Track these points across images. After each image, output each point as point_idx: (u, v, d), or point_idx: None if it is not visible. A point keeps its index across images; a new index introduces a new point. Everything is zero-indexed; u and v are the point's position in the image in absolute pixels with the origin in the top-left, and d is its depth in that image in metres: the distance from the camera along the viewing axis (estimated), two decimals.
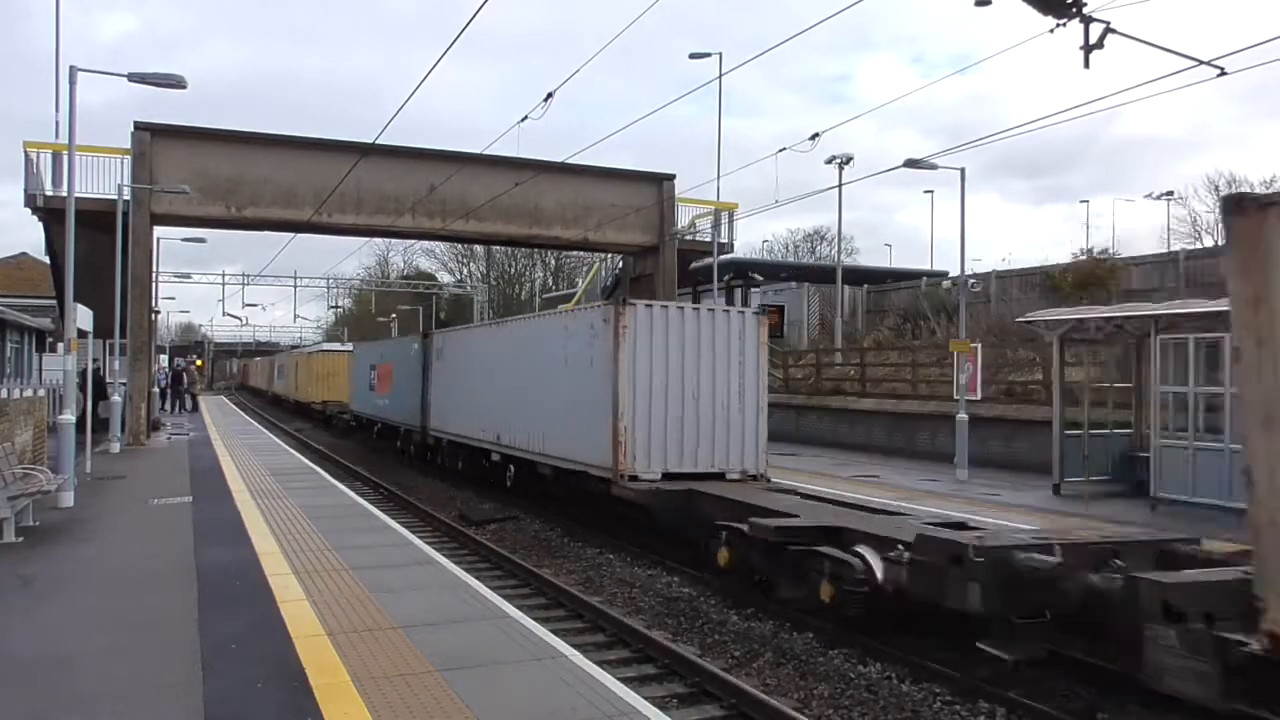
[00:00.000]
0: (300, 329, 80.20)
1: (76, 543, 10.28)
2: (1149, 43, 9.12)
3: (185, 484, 15.25)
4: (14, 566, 8.89)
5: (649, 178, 28.82)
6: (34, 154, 22.48)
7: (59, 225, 18.47)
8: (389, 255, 72.98)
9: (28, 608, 7.50)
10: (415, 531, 12.66)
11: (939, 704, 7.53)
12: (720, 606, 10.48)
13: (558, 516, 15.85)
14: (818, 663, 8.55)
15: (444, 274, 69.05)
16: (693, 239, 29.23)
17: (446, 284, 66.10)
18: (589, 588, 11.50)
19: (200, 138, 24.12)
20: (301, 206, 24.33)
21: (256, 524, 11.31)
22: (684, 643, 9.18)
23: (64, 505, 12.46)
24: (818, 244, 65.09)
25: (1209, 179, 52.29)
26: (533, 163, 24.82)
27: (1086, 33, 8.01)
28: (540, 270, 66.05)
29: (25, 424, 14.85)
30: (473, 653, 6.26)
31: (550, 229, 27.38)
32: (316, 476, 17.05)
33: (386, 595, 7.77)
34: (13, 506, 10.29)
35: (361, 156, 21.98)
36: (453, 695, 5.43)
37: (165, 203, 23.24)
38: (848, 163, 29.42)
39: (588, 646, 8.41)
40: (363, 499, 14.55)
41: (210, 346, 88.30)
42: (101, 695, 5.45)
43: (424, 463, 23.42)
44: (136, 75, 14.44)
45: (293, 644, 6.38)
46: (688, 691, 7.82)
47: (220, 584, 8.17)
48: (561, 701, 5.40)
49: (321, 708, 5.21)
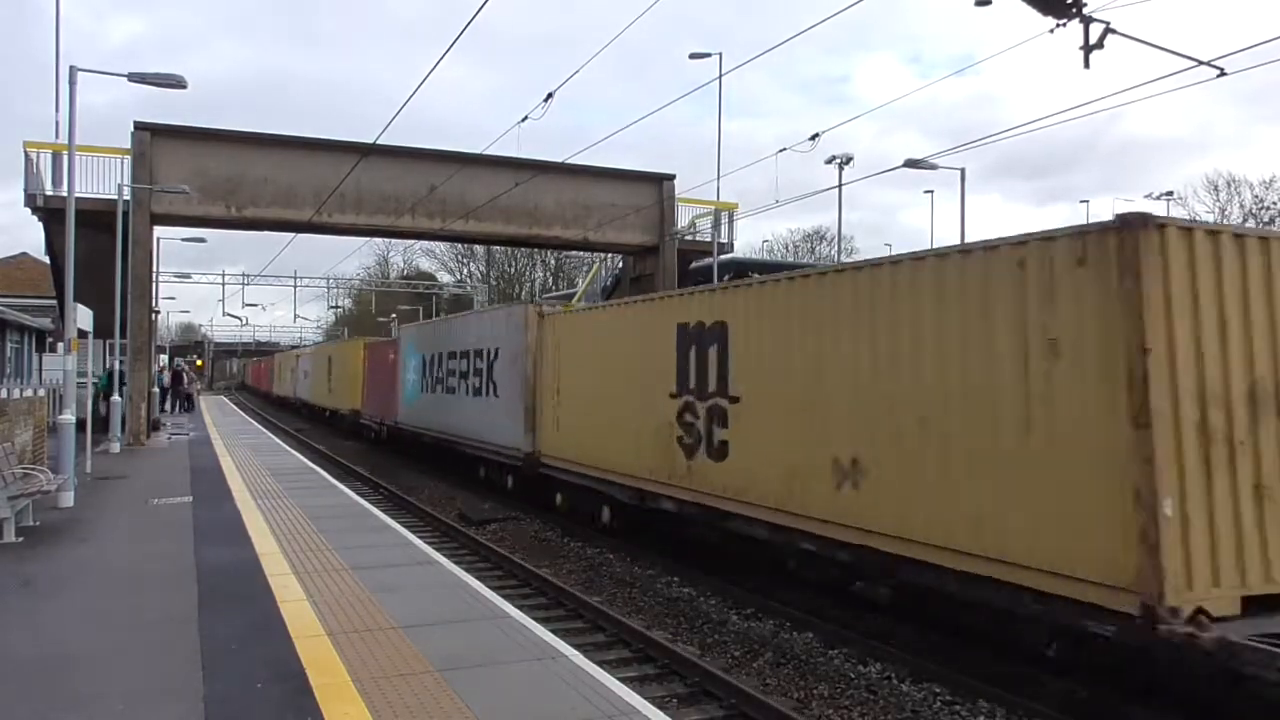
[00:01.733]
0: (300, 329, 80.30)
1: (76, 543, 10.27)
2: (1149, 43, 9.14)
3: (185, 484, 15.24)
4: (14, 566, 8.89)
5: (649, 178, 28.83)
6: (34, 154, 22.48)
7: (59, 225, 18.46)
8: (389, 255, 73.24)
9: (28, 608, 7.49)
10: (415, 531, 12.66)
11: (939, 704, 7.53)
12: (720, 606, 10.48)
13: (558, 517, 15.82)
14: (818, 663, 8.55)
15: (444, 274, 69.21)
16: (693, 239, 29.22)
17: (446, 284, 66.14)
18: (589, 588, 11.50)
19: (200, 138, 24.11)
20: (301, 206, 24.32)
21: (257, 524, 11.30)
22: (684, 643, 9.18)
23: (64, 505, 12.46)
24: (818, 244, 65.17)
25: (1208, 179, 52.28)
26: (533, 163, 24.82)
27: (1086, 33, 8.03)
28: (540, 270, 66.13)
29: (25, 424, 14.85)
30: (473, 653, 6.26)
31: (550, 229, 27.39)
32: (317, 477, 17.05)
33: (387, 595, 7.77)
34: (13, 506, 10.29)
35: (362, 157, 21.98)
36: (453, 695, 5.43)
37: (165, 203, 23.23)
38: (848, 163, 29.37)
39: (588, 646, 8.41)
40: (363, 499, 14.53)
41: (210, 346, 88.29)
42: (102, 695, 5.45)
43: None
44: (136, 75, 14.45)
45: (293, 644, 6.38)
46: (688, 691, 7.83)
47: (220, 584, 8.16)
48: (561, 701, 5.40)
49: (321, 708, 5.21)
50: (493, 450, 18.15)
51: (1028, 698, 7.33)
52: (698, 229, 29.27)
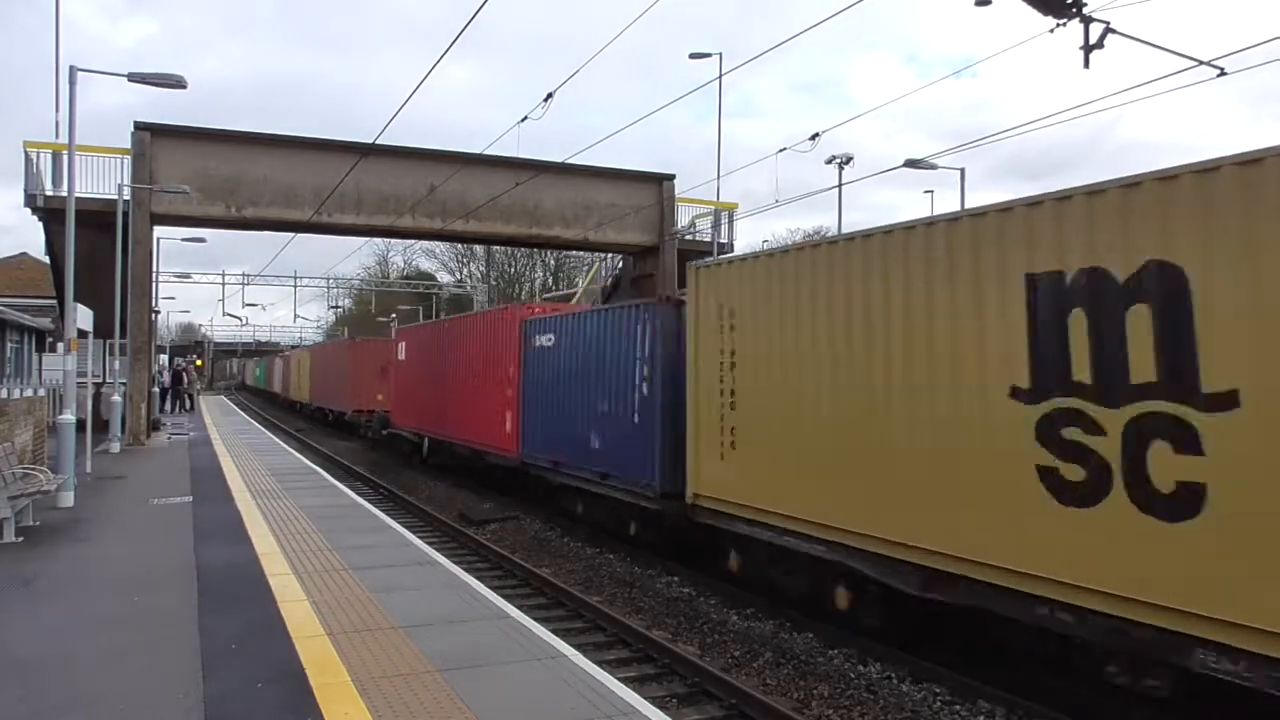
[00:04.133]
0: (300, 329, 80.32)
1: (76, 543, 10.27)
2: (1149, 43, 9.15)
3: (185, 484, 15.24)
4: (14, 566, 8.89)
5: (649, 178, 28.84)
6: (34, 154, 22.48)
7: (59, 225, 18.45)
8: (389, 255, 73.17)
9: (28, 608, 7.49)
10: (415, 531, 12.66)
11: (939, 704, 7.53)
12: (720, 606, 10.48)
13: (559, 518, 15.81)
14: (818, 663, 8.55)
15: (444, 274, 69.13)
16: (693, 239, 29.23)
17: (446, 284, 66.12)
18: (589, 588, 11.51)
19: (200, 138, 24.10)
20: (301, 206, 24.33)
21: (257, 524, 11.30)
22: (684, 643, 9.18)
23: (64, 505, 12.47)
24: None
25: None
26: (533, 163, 24.81)
27: (1086, 33, 8.04)
28: (540, 270, 66.08)
29: (25, 424, 14.85)
30: (473, 653, 6.26)
31: (550, 229, 27.39)
32: (317, 477, 17.04)
33: (387, 595, 7.77)
34: (13, 506, 10.30)
35: (362, 157, 21.98)
36: (453, 695, 5.43)
37: (165, 203, 23.23)
38: (847, 163, 29.40)
39: (588, 646, 8.42)
40: (363, 499, 14.53)
41: (210, 346, 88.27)
42: (102, 695, 5.45)
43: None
44: (136, 75, 14.43)
45: (293, 644, 6.38)
46: (688, 691, 7.83)
47: (220, 584, 8.16)
48: (561, 701, 5.40)
49: (321, 708, 5.21)
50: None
51: (1028, 698, 7.33)
52: (698, 229, 29.29)
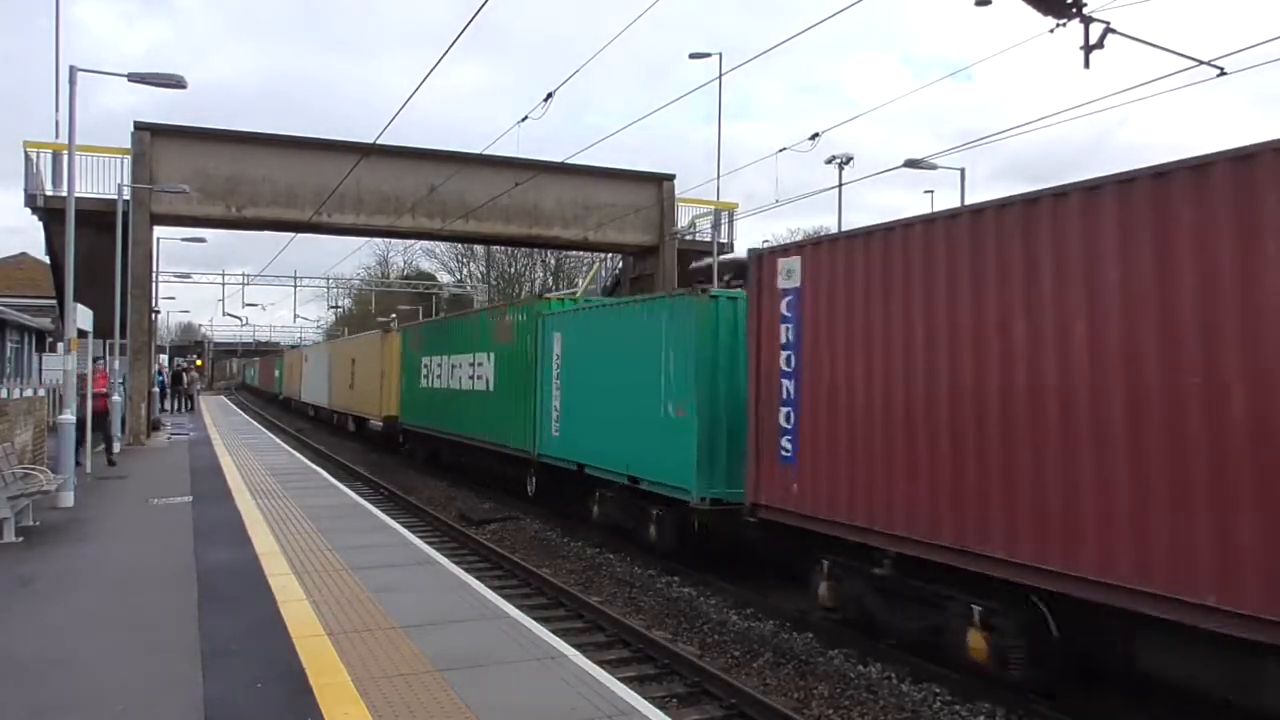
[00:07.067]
0: (300, 329, 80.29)
1: (76, 543, 10.27)
2: (1149, 42, 9.14)
3: (185, 484, 15.24)
4: (14, 566, 8.89)
5: (649, 178, 28.85)
6: (34, 154, 22.47)
7: (59, 225, 18.45)
8: (389, 255, 73.09)
9: (28, 608, 7.49)
10: (415, 531, 12.66)
11: (939, 704, 7.53)
12: (720, 606, 10.47)
13: (559, 517, 15.81)
14: (818, 663, 8.55)
15: (444, 274, 69.06)
16: (693, 239, 29.24)
17: (446, 284, 66.09)
18: (589, 588, 11.50)
19: (200, 138, 24.10)
20: (301, 206, 24.32)
21: (257, 524, 11.30)
22: (684, 643, 9.18)
23: (64, 505, 12.47)
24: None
25: None
26: (533, 163, 24.81)
27: (1086, 33, 8.04)
28: (540, 270, 66.05)
29: (25, 424, 14.86)
30: (473, 653, 6.26)
31: (550, 229, 27.40)
32: (317, 476, 17.05)
33: (386, 595, 7.77)
34: (13, 506, 10.30)
35: (362, 157, 21.97)
36: (453, 695, 5.43)
37: (165, 203, 23.23)
38: (847, 163, 29.41)
39: (588, 646, 8.41)
40: (363, 499, 14.53)
41: (210, 346, 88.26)
42: (102, 695, 5.45)
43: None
44: (136, 75, 14.40)
45: (293, 644, 6.38)
46: (688, 691, 7.83)
47: (220, 584, 8.17)
48: (561, 701, 5.40)
49: (321, 708, 5.21)
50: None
51: (1027, 698, 7.33)
52: (698, 229, 29.29)
